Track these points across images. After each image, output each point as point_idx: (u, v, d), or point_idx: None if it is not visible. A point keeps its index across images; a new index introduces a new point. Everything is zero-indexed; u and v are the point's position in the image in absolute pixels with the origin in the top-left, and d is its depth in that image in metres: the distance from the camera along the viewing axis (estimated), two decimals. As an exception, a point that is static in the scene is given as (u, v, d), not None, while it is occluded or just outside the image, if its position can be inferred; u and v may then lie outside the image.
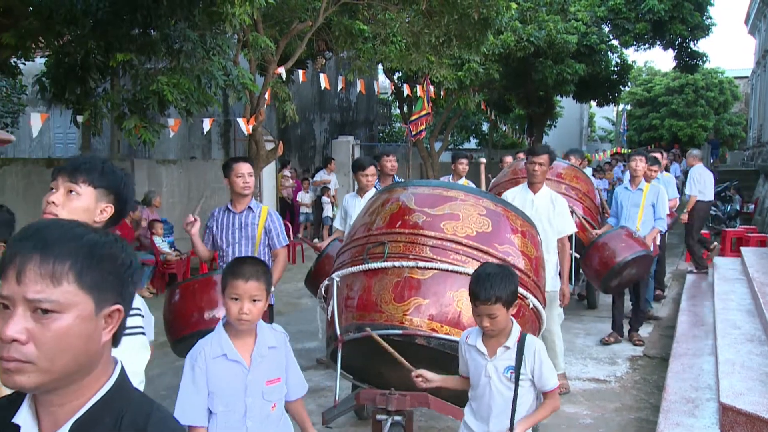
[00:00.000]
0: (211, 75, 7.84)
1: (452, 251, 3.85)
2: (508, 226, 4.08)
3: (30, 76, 9.02)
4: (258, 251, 4.87)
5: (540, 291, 4.13)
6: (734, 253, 11.34)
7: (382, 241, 3.97)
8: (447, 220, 3.95)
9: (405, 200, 4.17)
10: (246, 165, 4.91)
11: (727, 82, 36.68)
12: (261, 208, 4.92)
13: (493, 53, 14.96)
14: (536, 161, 5.52)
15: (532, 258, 4.09)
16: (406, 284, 3.81)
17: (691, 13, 19.23)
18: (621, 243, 6.70)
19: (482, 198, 4.16)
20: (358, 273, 4.04)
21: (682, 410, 4.81)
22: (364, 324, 3.86)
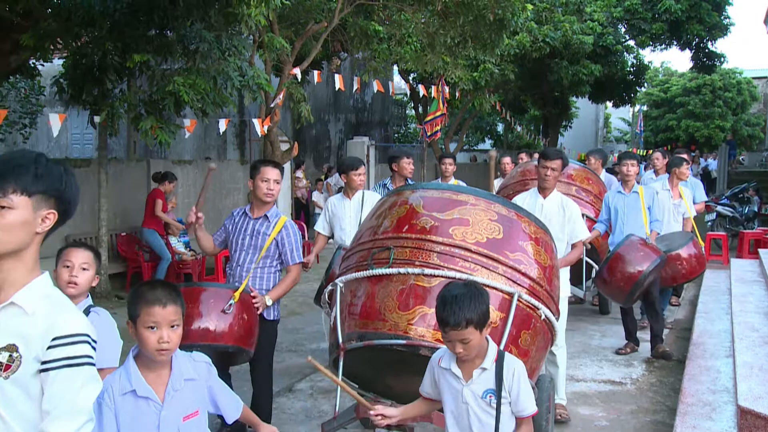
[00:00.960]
0: (226, 76, 7.88)
1: (460, 258, 3.67)
2: (521, 232, 3.89)
3: (48, 77, 9.10)
4: (261, 263, 4.58)
5: (553, 301, 3.94)
6: (752, 255, 11.24)
7: (388, 246, 3.83)
8: (456, 225, 3.78)
9: (413, 203, 4.01)
10: (274, 170, 4.62)
11: (746, 82, 36.33)
12: (279, 218, 4.62)
13: (508, 54, 14.93)
14: (549, 165, 5.28)
15: (546, 266, 3.91)
16: (411, 292, 3.64)
17: (708, 13, 19.09)
18: (639, 252, 6.37)
19: (494, 203, 3.97)
20: (362, 279, 3.87)
21: (699, 413, 4.77)
22: (366, 333, 3.70)
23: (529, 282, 3.73)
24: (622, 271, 6.30)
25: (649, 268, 6.22)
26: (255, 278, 4.52)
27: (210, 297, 4.07)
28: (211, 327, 3.98)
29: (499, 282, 3.63)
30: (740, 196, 15.27)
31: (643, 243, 6.45)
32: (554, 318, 3.94)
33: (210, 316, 4.00)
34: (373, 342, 3.64)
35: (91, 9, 6.98)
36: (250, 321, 4.18)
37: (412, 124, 28.54)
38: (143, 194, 11.49)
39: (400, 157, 6.73)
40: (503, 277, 3.66)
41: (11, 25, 7.60)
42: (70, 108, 8.91)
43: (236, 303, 4.08)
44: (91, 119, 8.50)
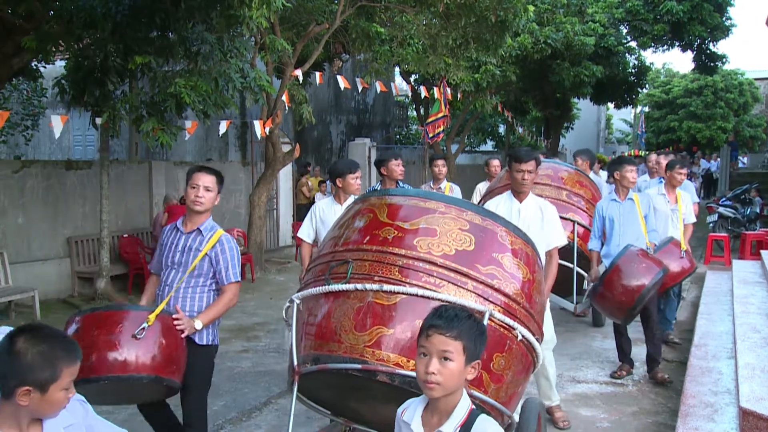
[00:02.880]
0: (228, 77, 7.89)
1: (425, 273, 3.31)
2: (496, 243, 3.52)
3: (50, 79, 9.12)
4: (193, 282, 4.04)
5: (533, 320, 3.56)
6: (754, 256, 11.23)
7: (346, 260, 3.47)
8: (421, 236, 3.42)
9: (377, 212, 3.64)
10: (207, 176, 4.04)
11: (747, 83, 36.33)
12: (214, 232, 4.05)
13: (510, 55, 14.94)
14: (524, 168, 4.86)
15: (525, 281, 3.55)
16: (369, 310, 3.27)
17: (710, 14, 19.08)
18: (641, 264, 5.80)
19: (466, 210, 3.58)
20: (319, 295, 3.51)
21: (700, 415, 4.76)
22: (321, 355, 3.35)
23: (504, 299, 3.40)
24: (622, 286, 5.73)
25: (651, 282, 5.69)
26: (185, 299, 4.02)
27: (120, 322, 3.57)
28: (119, 356, 3.46)
29: (468, 299, 3.27)
30: (742, 197, 15.26)
31: (644, 254, 5.92)
32: (535, 339, 3.57)
33: (119, 343, 3.49)
34: (327, 366, 3.31)
35: (92, 11, 6.99)
36: (171, 346, 3.66)
37: (414, 126, 28.54)
38: (145, 196, 11.51)
39: (388, 159, 6.38)
40: (473, 293, 3.32)
41: (13, 28, 7.63)
42: (72, 110, 8.93)
43: (151, 326, 3.57)
44: (93, 121, 8.51)
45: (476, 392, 3.21)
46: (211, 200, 4.04)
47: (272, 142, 10.50)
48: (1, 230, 9.29)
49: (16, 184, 9.48)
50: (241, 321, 8.70)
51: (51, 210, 9.88)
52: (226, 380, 6.40)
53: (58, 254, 9.99)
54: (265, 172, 11.33)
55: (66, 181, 10.08)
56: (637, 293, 5.68)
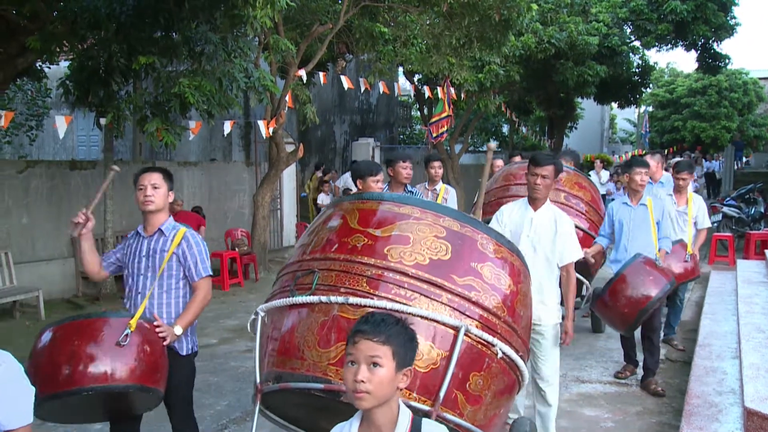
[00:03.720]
0: (232, 77, 7.90)
1: (395, 284, 3.06)
2: (475, 252, 3.26)
3: (54, 80, 9.14)
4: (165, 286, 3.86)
5: (516, 335, 3.30)
6: (758, 255, 11.21)
7: (313, 269, 3.24)
8: (393, 243, 3.17)
9: (348, 217, 3.39)
10: (150, 174, 3.89)
11: (752, 83, 36.21)
12: (177, 231, 3.89)
13: (513, 55, 14.92)
14: (539, 173, 4.49)
15: (507, 293, 3.29)
16: (333, 325, 3.03)
17: (714, 13, 19.02)
18: (648, 276, 5.50)
19: (444, 216, 3.31)
20: (283, 308, 3.28)
21: (705, 414, 4.76)
22: (283, 373, 3.13)
23: (482, 312, 3.15)
24: (627, 296, 5.46)
25: (658, 295, 5.43)
26: (160, 305, 3.84)
27: (101, 329, 3.37)
28: (103, 366, 3.27)
29: (442, 313, 3.05)
30: (746, 197, 15.24)
31: (652, 265, 5.64)
32: (518, 356, 3.30)
33: (101, 352, 3.30)
34: (288, 385, 3.09)
35: (97, 11, 7.00)
36: (155, 353, 3.50)
37: (418, 126, 28.54)
38: (149, 196, 11.51)
39: (395, 160, 6.13)
40: (448, 306, 3.08)
41: (18, 28, 7.65)
42: (76, 110, 8.95)
43: (133, 332, 3.41)
44: (97, 121, 8.53)
45: (450, 415, 3.01)
46: (162, 197, 3.87)
47: (276, 142, 10.51)
48: (5, 230, 9.32)
49: (21, 185, 9.50)
50: (245, 321, 8.70)
51: (55, 210, 9.91)
52: (230, 380, 6.41)
53: (62, 254, 10.01)
54: (268, 172, 11.34)
55: (70, 181, 10.10)
56: (641, 306, 5.41)
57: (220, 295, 10.16)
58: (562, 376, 6.34)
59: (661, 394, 5.88)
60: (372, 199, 3.53)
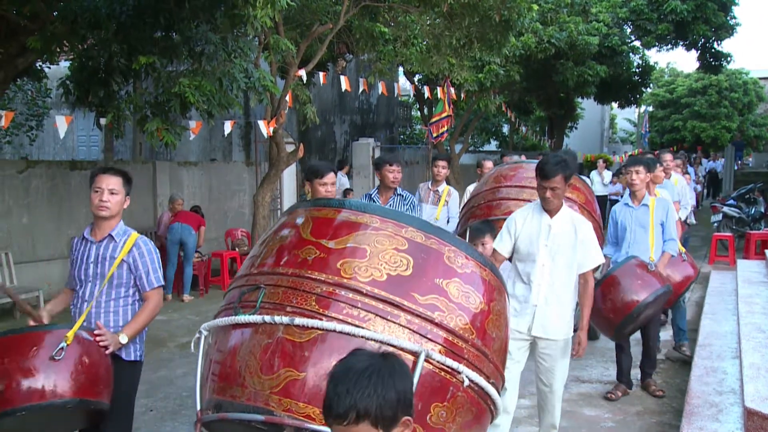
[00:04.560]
0: (232, 77, 7.89)
1: (347, 303, 2.74)
2: (441, 266, 2.92)
3: (54, 80, 9.14)
4: (114, 293, 3.70)
5: (487, 360, 2.97)
6: (758, 255, 11.21)
7: (259, 285, 2.93)
8: (347, 257, 2.84)
9: (300, 227, 3.07)
10: (110, 178, 3.69)
11: (752, 82, 36.24)
12: (128, 236, 3.73)
13: (513, 55, 14.91)
14: (547, 186, 4.21)
15: (476, 313, 2.95)
16: (278, 349, 2.72)
17: (714, 13, 19.03)
18: (636, 280, 5.28)
19: (407, 226, 2.97)
20: (227, 327, 2.97)
21: (705, 414, 4.76)
22: (223, 401, 2.84)
23: (446, 335, 2.81)
24: (613, 299, 5.23)
25: (646, 300, 5.18)
26: (107, 313, 3.68)
27: (33, 344, 3.19)
28: (37, 382, 3.09)
29: (399, 336, 2.73)
30: (747, 196, 15.23)
31: (644, 268, 5.43)
32: (488, 383, 2.95)
33: (35, 368, 3.13)
34: (227, 415, 2.82)
35: (97, 11, 7.00)
36: (95, 365, 3.33)
37: (418, 126, 28.55)
38: (149, 196, 11.53)
39: (382, 164, 5.83)
40: (406, 329, 2.74)
41: (18, 28, 7.65)
42: (76, 110, 8.96)
43: (70, 345, 3.23)
44: (97, 121, 8.54)
45: None
46: (118, 204, 3.71)
47: (276, 142, 10.51)
48: (6, 230, 9.32)
49: (21, 185, 9.51)
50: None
51: (55, 210, 9.91)
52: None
53: (62, 254, 10.01)
54: (269, 172, 11.33)
55: (70, 181, 10.10)
56: (626, 311, 5.18)
57: (221, 295, 10.15)
58: (562, 376, 6.37)
59: (662, 395, 5.81)
60: (328, 206, 3.15)
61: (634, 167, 5.95)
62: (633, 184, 5.91)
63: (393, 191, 5.84)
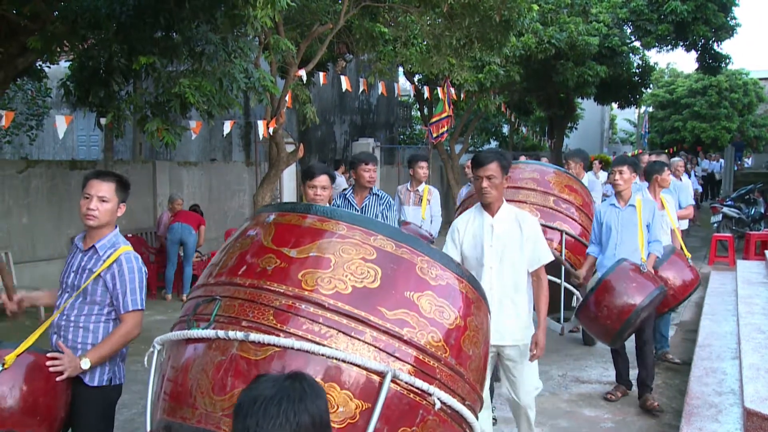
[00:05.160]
0: (232, 77, 7.90)
1: (307, 318, 2.51)
2: (413, 278, 2.70)
3: (55, 79, 9.16)
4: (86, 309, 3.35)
5: (463, 380, 2.74)
6: (758, 256, 11.21)
7: (215, 296, 2.71)
8: (310, 267, 2.62)
9: (262, 233, 2.84)
10: (101, 184, 3.36)
11: (752, 83, 36.22)
12: (115, 250, 3.36)
13: (513, 55, 14.93)
14: (482, 174, 3.99)
15: (450, 329, 2.72)
16: (231, 367, 2.49)
17: (714, 14, 19.03)
18: (631, 283, 5.15)
19: (376, 234, 2.75)
20: (180, 342, 2.74)
21: (705, 415, 4.76)
22: (172, 423, 2.64)
23: (416, 354, 2.58)
24: (609, 305, 5.11)
25: (643, 303, 5.07)
26: (76, 329, 3.33)
27: None
28: None
29: (363, 355, 2.49)
30: (746, 197, 15.24)
31: (637, 270, 5.29)
32: (463, 405, 2.72)
33: None
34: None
35: (97, 11, 7.01)
36: (35, 393, 3.01)
37: (418, 126, 28.55)
38: (149, 196, 11.53)
39: (358, 163, 5.59)
40: (372, 347, 2.52)
41: (18, 28, 7.65)
42: (76, 110, 8.96)
43: (8, 369, 2.97)
44: (98, 121, 8.54)
45: None
46: (108, 213, 3.36)
47: (276, 142, 10.50)
48: (5, 230, 9.32)
49: (21, 184, 9.51)
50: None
51: (55, 210, 9.91)
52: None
53: (62, 254, 10.01)
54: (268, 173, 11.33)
55: (70, 181, 10.10)
56: (625, 315, 5.05)
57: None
58: (561, 376, 6.37)
59: (659, 410, 5.53)
60: (293, 212, 2.91)
61: (617, 167, 5.79)
62: (616, 184, 5.76)
63: (368, 191, 5.66)
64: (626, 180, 5.74)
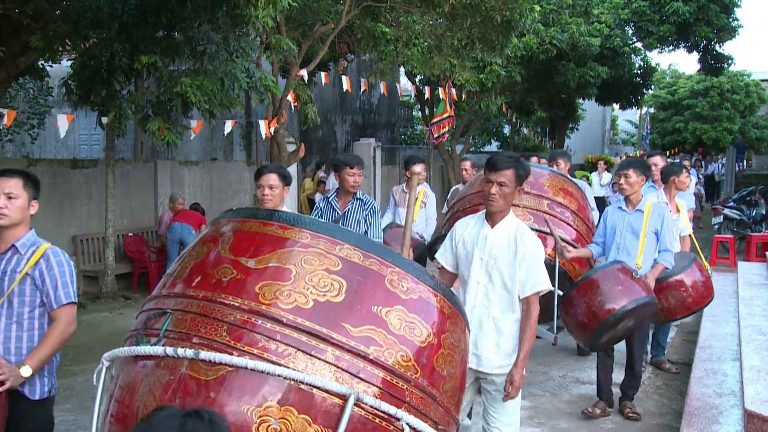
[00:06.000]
0: (234, 77, 7.91)
1: (264, 335, 2.30)
2: (381, 292, 2.48)
3: (57, 79, 9.16)
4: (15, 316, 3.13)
5: (435, 403, 2.52)
6: (759, 258, 11.21)
7: (166, 309, 2.50)
8: (268, 279, 2.41)
9: (221, 242, 2.63)
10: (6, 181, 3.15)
11: (754, 84, 36.23)
12: (37, 247, 3.17)
13: (515, 56, 14.95)
14: (494, 179, 3.54)
15: (422, 347, 2.50)
16: (180, 387, 2.28)
17: (716, 15, 19.03)
18: (617, 285, 4.86)
19: (342, 243, 2.53)
20: (129, 358, 2.51)
21: (705, 416, 4.76)
22: None
23: (383, 374, 2.36)
24: (589, 303, 4.82)
25: (624, 308, 4.74)
26: (8, 339, 3.12)
27: None
28: None
29: (324, 376, 2.27)
30: (748, 199, 15.23)
31: (628, 274, 5.00)
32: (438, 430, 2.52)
33: None
34: None
35: (99, 11, 7.02)
36: None
37: (419, 126, 28.55)
38: (150, 195, 11.53)
39: (343, 165, 5.28)
40: (334, 367, 2.30)
41: (21, 27, 7.66)
42: (78, 109, 8.97)
43: None
44: (99, 120, 8.55)
45: None
46: (18, 210, 3.13)
47: (277, 141, 10.52)
48: (7, 229, 9.33)
49: (22, 183, 9.51)
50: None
51: (57, 208, 9.92)
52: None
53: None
54: (270, 172, 11.35)
55: (72, 179, 10.11)
56: (603, 315, 4.75)
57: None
58: (561, 377, 6.37)
59: (636, 418, 5.34)
60: (254, 218, 2.69)
61: (623, 170, 5.46)
62: (622, 189, 5.42)
63: (353, 195, 5.31)
64: (632, 184, 5.38)
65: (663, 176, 6.59)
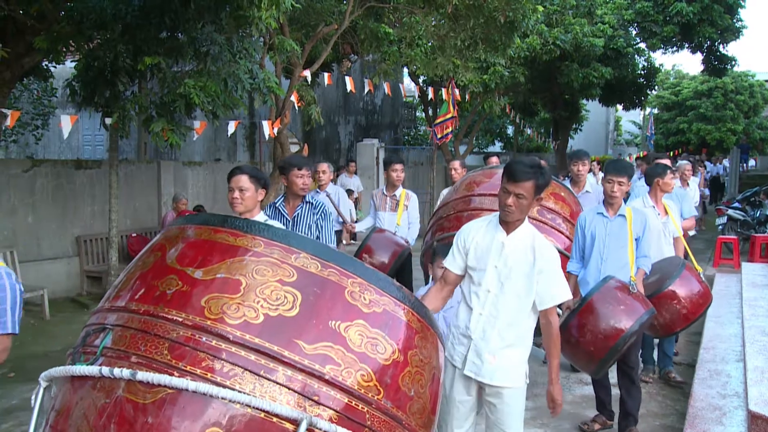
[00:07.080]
0: (237, 78, 7.91)
1: (208, 353, 2.11)
2: (340, 305, 2.29)
3: (60, 79, 9.18)
4: None
5: (401, 425, 2.32)
6: (763, 258, 11.19)
7: (105, 325, 2.30)
8: (216, 291, 2.22)
9: (168, 250, 2.43)
10: None
11: (758, 85, 36.17)
12: None
13: (518, 56, 14.93)
14: (512, 190, 3.30)
15: (385, 365, 2.30)
16: (115, 412, 2.07)
17: (720, 15, 19.00)
18: (619, 305, 4.44)
19: (299, 252, 2.35)
20: (66, 379, 2.29)
21: (709, 417, 4.75)
22: None
23: (341, 396, 2.18)
24: (594, 330, 4.38)
25: (632, 328, 4.36)
26: None
27: None
28: None
29: (275, 398, 2.09)
30: (752, 199, 15.20)
31: (625, 290, 4.60)
32: None
33: None
34: None
35: (103, 12, 7.03)
36: None
37: (422, 127, 28.56)
38: (153, 195, 11.55)
39: (290, 167, 4.98)
40: (285, 388, 2.11)
41: (25, 28, 7.68)
42: (81, 110, 8.99)
43: None
44: (103, 121, 8.56)
45: None
46: None
47: (280, 142, 10.52)
48: (11, 229, 9.35)
49: (26, 183, 9.54)
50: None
51: (60, 209, 9.94)
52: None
53: (67, 253, 10.04)
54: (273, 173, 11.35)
55: (75, 180, 10.13)
56: (612, 341, 4.34)
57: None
58: (564, 377, 6.36)
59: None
60: (206, 225, 2.49)
61: (618, 178, 5.01)
62: (613, 195, 5.02)
63: (301, 199, 5.06)
64: (623, 192, 5.07)
65: (646, 178, 6.23)
